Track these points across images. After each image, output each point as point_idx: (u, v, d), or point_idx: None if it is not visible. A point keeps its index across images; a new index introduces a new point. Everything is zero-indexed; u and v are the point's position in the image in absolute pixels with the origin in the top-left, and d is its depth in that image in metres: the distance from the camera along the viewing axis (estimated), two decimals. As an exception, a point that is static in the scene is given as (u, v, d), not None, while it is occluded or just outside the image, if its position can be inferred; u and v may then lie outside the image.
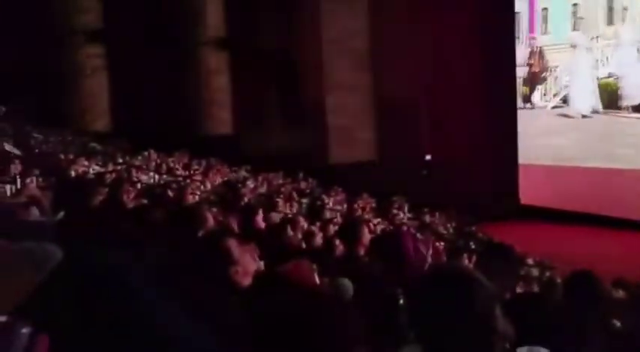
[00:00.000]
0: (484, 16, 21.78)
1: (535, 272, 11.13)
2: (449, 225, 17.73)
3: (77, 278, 1.16)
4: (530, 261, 12.74)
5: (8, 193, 5.51)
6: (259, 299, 1.34)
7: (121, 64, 21.01)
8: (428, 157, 23.20)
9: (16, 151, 11.81)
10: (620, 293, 6.31)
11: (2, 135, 13.95)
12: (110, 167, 12.33)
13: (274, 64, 22.84)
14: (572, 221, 18.72)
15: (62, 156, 12.45)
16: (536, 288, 8.34)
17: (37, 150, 13.85)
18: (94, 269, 1.17)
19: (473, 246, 12.37)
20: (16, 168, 8.51)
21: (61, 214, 4.71)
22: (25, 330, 0.87)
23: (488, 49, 21.69)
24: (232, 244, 2.35)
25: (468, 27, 21.71)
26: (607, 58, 20.26)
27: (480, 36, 21.64)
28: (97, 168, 11.65)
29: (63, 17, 21.02)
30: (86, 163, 11.88)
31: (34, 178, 7.64)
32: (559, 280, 9.97)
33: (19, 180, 6.99)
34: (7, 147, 11.79)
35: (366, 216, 14.10)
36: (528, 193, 21.76)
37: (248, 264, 2.32)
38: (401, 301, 1.89)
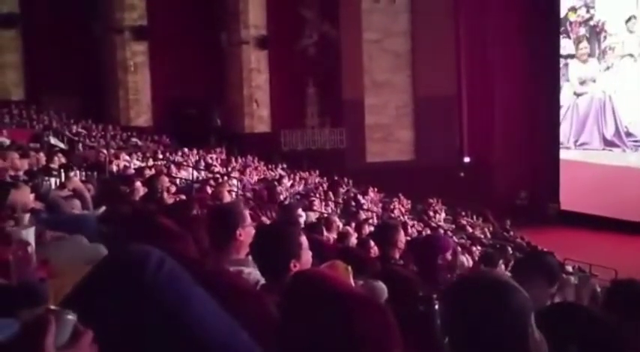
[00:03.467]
0: (528, 12, 21.38)
1: (574, 280, 10.88)
2: (486, 229, 17.48)
3: (119, 272, 1.19)
4: (569, 269, 12.47)
5: (52, 186, 5.64)
6: (294, 299, 1.34)
7: (164, 61, 21.37)
8: (467, 159, 22.91)
9: (61, 145, 12.11)
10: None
11: (47, 129, 14.33)
12: (150, 162, 12.53)
13: (314, 63, 22.89)
14: (614, 228, 18.24)
15: (104, 151, 12.70)
16: (573, 297, 8.14)
17: (80, 145, 14.16)
18: (135, 265, 1.20)
19: (510, 252, 12.16)
20: (59, 161, 8.73)
21: (103, 208, 4.82)
22: (71, 317, 0.94)
23: (531, 46, 21.24)
24: (304, 240, 2.30)
25: (511, 25, 21.33)
26: None
27: (523, 33, 21.16)
28: (137, 163, 11.84)
29: (107, 14, 21.49)
30: (127, 158, 12.11)
31: (77, 172, 7.82)
32: (599, 289, 9.74)
33: (62, 174, 7.13)
34: (52, 140, 12.10)
35: (402, 218, 14.01)
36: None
37: (307, 262, 2.24)
38: (436, 306, 1.87)
